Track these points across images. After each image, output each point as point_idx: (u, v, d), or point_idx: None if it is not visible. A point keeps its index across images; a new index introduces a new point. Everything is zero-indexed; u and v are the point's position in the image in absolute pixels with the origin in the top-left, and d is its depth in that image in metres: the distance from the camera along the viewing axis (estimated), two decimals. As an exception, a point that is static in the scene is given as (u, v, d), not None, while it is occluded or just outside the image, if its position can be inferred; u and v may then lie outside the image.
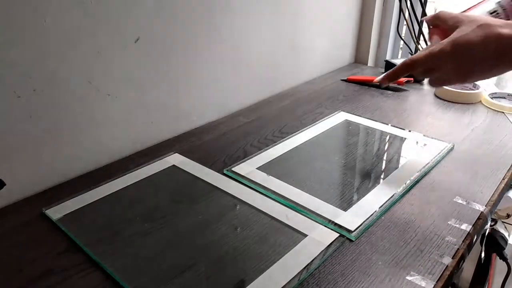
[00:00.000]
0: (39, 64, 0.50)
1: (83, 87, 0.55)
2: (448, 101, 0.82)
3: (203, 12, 0.67)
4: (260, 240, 0.44)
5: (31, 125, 0.51)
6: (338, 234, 0.45)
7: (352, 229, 0.45)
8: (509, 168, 0.58)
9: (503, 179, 0.55)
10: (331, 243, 0.44)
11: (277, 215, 0.48)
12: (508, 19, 0.35)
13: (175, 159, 0.61)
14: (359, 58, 1.14)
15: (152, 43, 0.61)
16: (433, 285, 0.39)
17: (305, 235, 0.45)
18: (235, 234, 0.45)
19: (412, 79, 0.91)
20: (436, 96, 0.85)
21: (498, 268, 1.01)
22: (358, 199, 0.51)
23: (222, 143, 0.67)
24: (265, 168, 0.58)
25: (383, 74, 0.50)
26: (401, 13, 1.03)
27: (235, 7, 0.73)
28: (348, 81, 0.96)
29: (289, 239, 0.44)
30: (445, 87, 0.83)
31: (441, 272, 0.40)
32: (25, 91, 0.50)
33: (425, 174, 0.56)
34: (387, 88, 0.90)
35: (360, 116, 0.76)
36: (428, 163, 0.58)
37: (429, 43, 0.49)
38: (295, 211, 0.49)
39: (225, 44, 0.73)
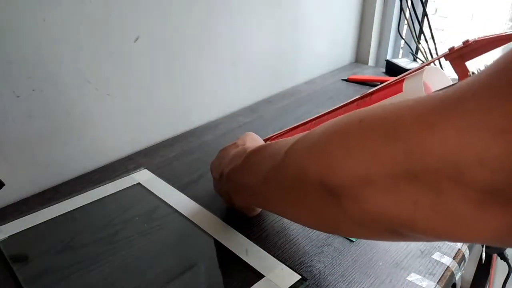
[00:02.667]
0: (38, 64, 0.50)
1: (82, 87, 0.55)
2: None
3: (203, 12, 0.67)
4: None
5: (30, 125, 0.51)
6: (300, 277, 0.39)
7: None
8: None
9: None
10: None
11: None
12: None
13: (142, 176, 0.56)
14: (359, 58, 1.13)
15: (152, 43, 0.61)
16: (434, 286, 0.39)
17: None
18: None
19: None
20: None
21: (499, 268, 1.01)
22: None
23: (222, 143, 0.67)
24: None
25: None
26: (402, 13, 1.02)
27: (235, 6, 0.72)
28: (348, 81, 0.96)
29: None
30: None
31: (442, 273, 0.40)
32: (24, 91, 0.49)
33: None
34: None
35: (361, 116, 0.75)
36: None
37: (430, 42, 0.49)
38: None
39: (225, 43, 0.73)
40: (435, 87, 0.38)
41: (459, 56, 0.36)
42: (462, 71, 0.36)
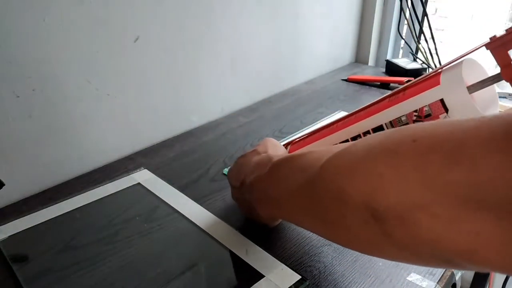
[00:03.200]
0: (38, 64, 0.50)
1: (82, 87, 0.55)
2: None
3: (203, 12, 0.67)
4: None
5: (30, 125, 0.51)
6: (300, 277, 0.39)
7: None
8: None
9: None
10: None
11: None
12: None
13: (141, 176, 0.56)
14: (359, 58, 1.13)
15: (151, 43, 0.61)
16: (434, 286, 0.39)
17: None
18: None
19: (413, 78, 0.91)
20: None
21: (499, 268, 1.01)
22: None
23: (222, 143, 0.67)
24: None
25: None
26: (402, 13, 1.02)
27: (235, 7, 0.72)
28: (348, 80, 0.96)
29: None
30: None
31: (442, 273, 0.40)
32: (24, 90, 0.49)
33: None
34: (388, 88, 0.90)
35: (361, 116, 0.75)
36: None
37: (430, 42, 0.48)
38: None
39: (225, 44, 0.73)
40: (470, 80, 0.36)
41: (501, 44, 0.34)
42: (504, 61, 0.34)
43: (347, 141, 0.43)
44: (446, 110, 0.35)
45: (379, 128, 0.40)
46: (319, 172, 0.29)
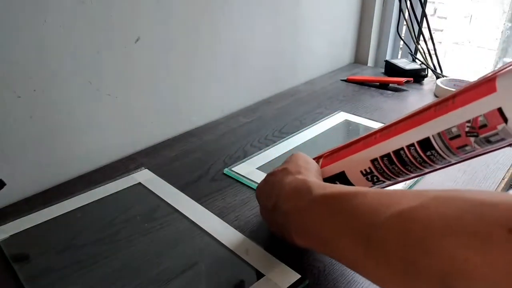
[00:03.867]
0: (39, 64, 0.50)
1: (83, 87, 0.55)
2: (448, 101, 0.82)
3: (203, 12, 0.67)
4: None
5: (31, 125, 0.51)
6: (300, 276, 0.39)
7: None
8: (509, 168, 0.58)
9: (503, 179, 0.55)
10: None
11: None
12: None
13: (142, 176, 0.56)
14: (359, 58, 1.14)
15: (152, 43, 0.61)
16: (432, 285, 0.39)
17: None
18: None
19: (411, 79, 0.91)
20: (435, 96, 0.85)
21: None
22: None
23: (222, 143, 0.68)
24: (265, 168, 0.58)
25: None
26: (401, 13, 1.03)
27: (235, 7, 0.73)
28: (348, 81, 0.96)
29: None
30: (445, 86, 0.83)
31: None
32: (25, 91, 0.50)
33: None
34: (387, 89, 0.90)
35: (360, 116, 0.76)
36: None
37: (429, 43, 0.46)
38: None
39: (225, 44, 0.73)
40: None
41: None
42: None
43: (388, 155, 0.39)
44: (505, 120, 0.31)
45: (425, 141, 0.36)
46: (383, 231, 0.27)
